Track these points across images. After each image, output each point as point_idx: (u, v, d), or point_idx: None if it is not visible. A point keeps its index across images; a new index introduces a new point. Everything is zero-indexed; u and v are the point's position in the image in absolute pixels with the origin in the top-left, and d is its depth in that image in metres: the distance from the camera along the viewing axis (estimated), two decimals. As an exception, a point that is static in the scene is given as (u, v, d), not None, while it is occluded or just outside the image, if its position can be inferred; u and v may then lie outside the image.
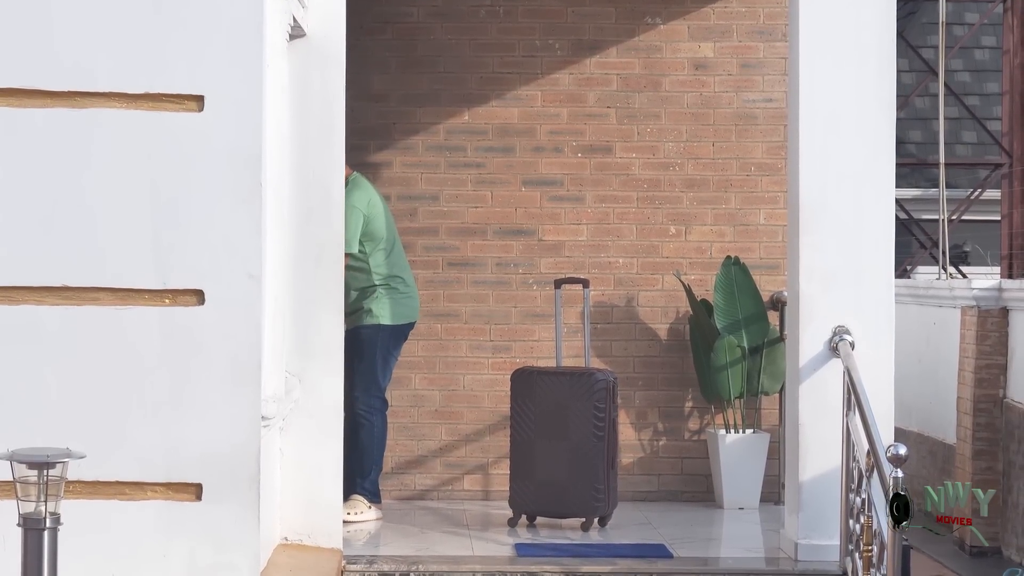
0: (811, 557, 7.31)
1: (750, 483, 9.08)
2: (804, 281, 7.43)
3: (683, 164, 9.49)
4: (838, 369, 7.30)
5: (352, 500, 8.41)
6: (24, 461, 4.83)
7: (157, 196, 5.78)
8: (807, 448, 7.38)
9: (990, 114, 19.48)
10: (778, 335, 9.18)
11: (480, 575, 7.21)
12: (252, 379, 5.81)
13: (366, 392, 8.48)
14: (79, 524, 5.47)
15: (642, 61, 9.50)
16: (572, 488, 8.18)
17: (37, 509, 4.83)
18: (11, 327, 5.73)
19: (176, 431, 5.77)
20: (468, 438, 9.41)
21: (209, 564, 5.79)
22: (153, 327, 5.76)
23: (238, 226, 5.80)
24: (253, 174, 5.82)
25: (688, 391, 9.44)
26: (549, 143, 9.43)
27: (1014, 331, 9.66)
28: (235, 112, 5.80)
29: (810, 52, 7.44)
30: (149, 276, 5.77)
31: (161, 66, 5.76)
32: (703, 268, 9.44)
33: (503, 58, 9.49)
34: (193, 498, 5.80)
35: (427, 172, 9.41)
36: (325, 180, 7.28)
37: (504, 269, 9.37)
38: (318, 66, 7.27)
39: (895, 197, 7.59)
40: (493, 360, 9.42)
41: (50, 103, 5.74)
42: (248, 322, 5.80)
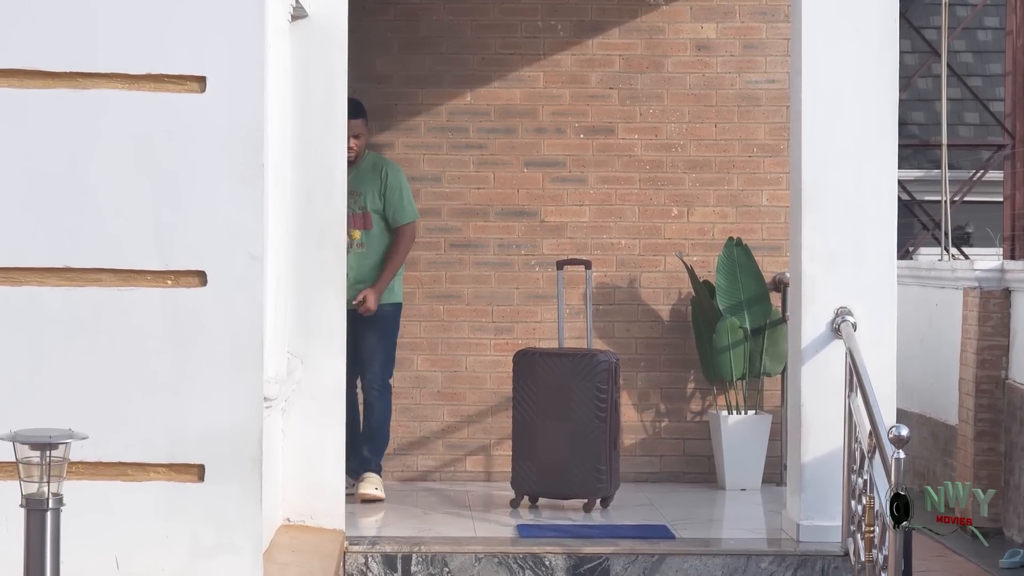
0: (813, 538, 7.32)
1: (752, 464, 9.08)
2: (806, 262, 7.43)
3: (685, 145, 9.48)
4: (840, 350, 7.30)
5: (372, 477, 8.44)
6: (27, 442, 4.83)
7: (159, 177, 5.77)
8: (809, 429, 7.39)
9: (993, 95, 19.45)
10: (780, 316, 9.18)
11: (482, 556, 7.22)
12: (254, 360, 5.81)
13: (386, 370, 8.55)
14: (82, 505, 5.47)
15: (644, 42, 9.49)
16: (574, 469, 8.18)
17: (40, 490, 4.84)
18: (13, 308, 5.73)
19: (178, 412, 5.77)
20: (470, 419, 9.42)
21: (211, 545, 5.80)
22: (155, 308, 5.76)
23: (240, 207, 5.80)
24: (255, 155, 5.81)
25: (690, 372, 9.44)
26: (551, 124, 9.42)
27: (1016, 312, 9.66)
28: (237, 93, 5.79)
29: (812, 33, 7.42)
30: (151, 257, 5.77)
31: (163, 47, 5.76)
32: (705, 249, 9.44)
33: (505, 39, 9.47)
34: (195, 479, 5.81)
35: (429, 153, 9.41)
36: (327, 161, 7.28)
37: (506, 250, 9.37)
38: (320, 47, 7.26)
39: (897, 178, 7.58)
40: (495, 341, 9.43)
41: (51, 84, 5.74)
42: (250, 303, 5.80)
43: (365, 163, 8.56)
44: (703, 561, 7.23)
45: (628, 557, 7.22)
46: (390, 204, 8.57)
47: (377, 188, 8.54)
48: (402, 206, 8.59)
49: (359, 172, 8.53)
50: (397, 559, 7.17)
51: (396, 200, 8.58)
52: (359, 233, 8.55)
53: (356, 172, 8.48)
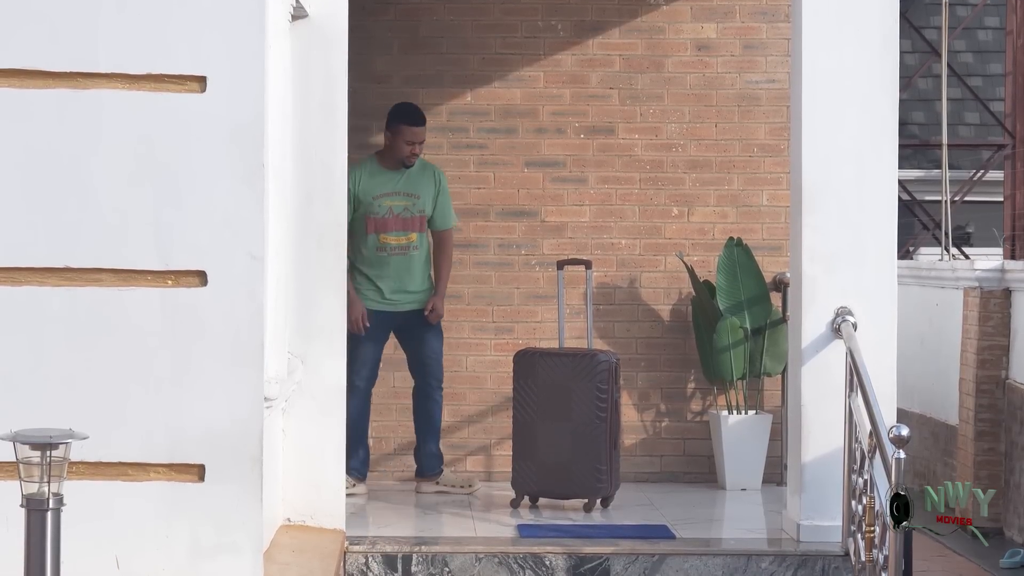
0: (813, 538, 7.32)
1: (752, 464, 9.08)
2: (807, 262, 7.43)
3: (685, 145, 9.48)
4: (840, 350, 7.30)
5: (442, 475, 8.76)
6: (27, 442, 4.83)
7: (159, 177, 5.77)
8: (809, 429, 7.39)
9: (993, 95, 19.45)
10: (780, 316, 9.18)
11: (483, 556, 7.22)
12: (254, 360, 5.81)
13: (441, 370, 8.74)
14: (82, 505, 5.47)
15: (645, 42, 9.49)
16: (574, 469, 8.18)
17: (40, 490, 4.84)
18: (13, 308, 5.73)
19: (179, 412, 5.77)
20: (471, 419, 9.42)
21: (212, 545, 5.79)
22: (155, 308, 5.76)
23: (240, 207, 5.80)
24: (255, 155, 5.81)
25: (690, 372, 9.44)
26: (551, 124, 9.42)
27: (1016, 312, 9.66)
28: (237, 93, 5.79)
29: (813, 33, 7.43)
30: (151, 257, 5.77)
31: (163, 47, 5.76)
32: (705, 249, 9.44)
33: (505, 39, 9.47)
34: (196, 479, 5.81)
35: (429, 153, 9.40)
36: (327, 162, 7.28)
37: (506, 250, 9.37)
38: (320, 47, 7.26)
39: (898, 178, 7.58)
40: (496, 341, 9.43)
41: (52, 84, 5.74)
42: (250, 303, 5.80)
43: (416, 166, 8.65)
44: (703, 561, 7.23)
45: (628, 557, 7.22)
46: (440, 208, 8.71)
47: (432, 192, 8.62)
48: (450, 210, 8.80)
49: (411, 175, 8.64)
50: (397, 559, 7.17)
51: (445, 204, 8.74)
52: (416, 236, 8.62)
53: (409, 175, 8.62)
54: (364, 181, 8.58)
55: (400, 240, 8.58)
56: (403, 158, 8.60)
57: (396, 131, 8.60)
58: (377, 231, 8.58)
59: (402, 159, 8.60)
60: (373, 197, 8.58)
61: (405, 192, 8.59)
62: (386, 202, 8.59)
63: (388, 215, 8.57)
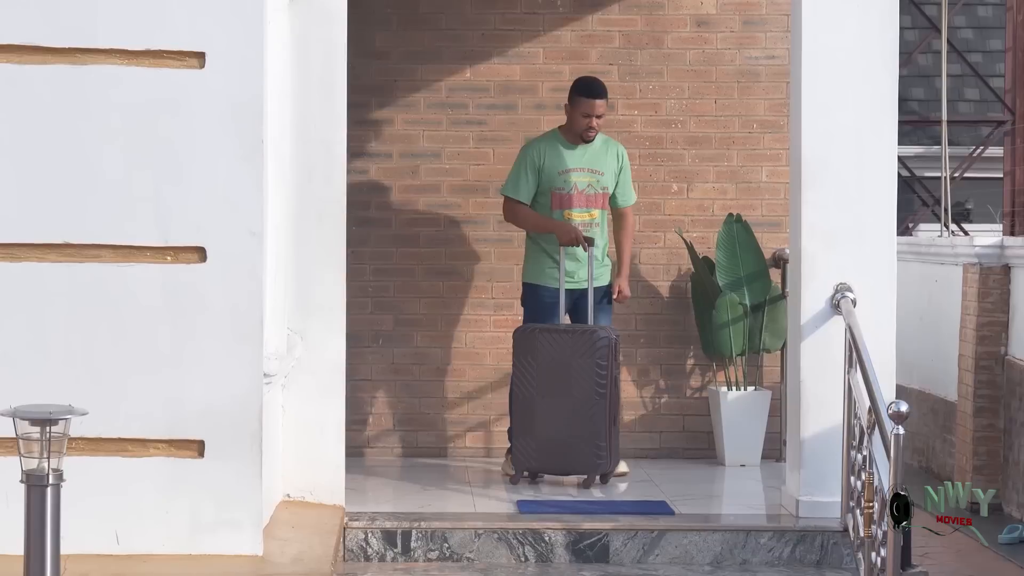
0: (812, 514, 7.33)
1: (751, 440, 9.09)
2: (806, 238, 7.43)
3: (685, 121, 9.47)
4: (840, 326, 7.30)
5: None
6: (27, 418, 4.84)
7: (158, 153, 5.77)
8: (808, 405, 7.39)
9: (993, 71, 19.43)
10: (780, 292, 9.18)
11: (482, 532, 7.23)
12: (254, 336, 5.82)
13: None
14: (82, 481, 5.48)
15: (644, 18, 9.47)
16: (574, 445, 8.19)
17: (40, 466, 4.85)
18: (13, 284, 5.73)
19: (179, 388, 5.78)
20: (470, 396, 9.43)
21: (212, 521, 5.81)
22: (155, 284, 5.77)
23: (239, 183, 5.80)
24: (254, 131, 5.81)
25: (690, 348, 9.45)
26: (551, 100, 9.40)
27: (1016, 288, 9.66)
28: (236, 69, 5.79)
29: (812, 8, 7.41)
30: (151, 233, 5.77)
31: (162, 22, 5.75)
32: (705, 226, 9.43)
33: (505, 15, 9.46)
34: (195, 455, 5.82)
35: (429, 129, 9.40)
36: (327, 138, 7.27)
37: (506, 227, 9.35)
38: (319, 23, 7.25)
39: (897, 154, 7.57)
40: (495, 318, 9.43)
41: (51, 60, 5.74)
42: (250, 279, 5.80)
43: (597, 141, 8.57)
44: (702, 537, 7.24)
45: (627, 533, 7.24)
46: (622, 184, 8.63)
47: (615, 168, 8.58)
48: (631, 187, 8.70)
49: (593, 150, 8.55)
50: (397, 535, 7.18)
51: (627, 181, 8.66)
52: (598, 213, 8.58)
53: (589, 150, 8.53)
54: (549, 155, 8.50)
55: (584, 217, 8.49)
56: (580, 131, 8.47)
57: (574, 103, 8.50)
58: (562, 207, 8.51)
59: (580, 132, 8.48)
60: (559, 172, 8.47)
61: (589, 168, 8.50)
62: (572, 178, 8.48)
63: (572, 191, 8.49)
